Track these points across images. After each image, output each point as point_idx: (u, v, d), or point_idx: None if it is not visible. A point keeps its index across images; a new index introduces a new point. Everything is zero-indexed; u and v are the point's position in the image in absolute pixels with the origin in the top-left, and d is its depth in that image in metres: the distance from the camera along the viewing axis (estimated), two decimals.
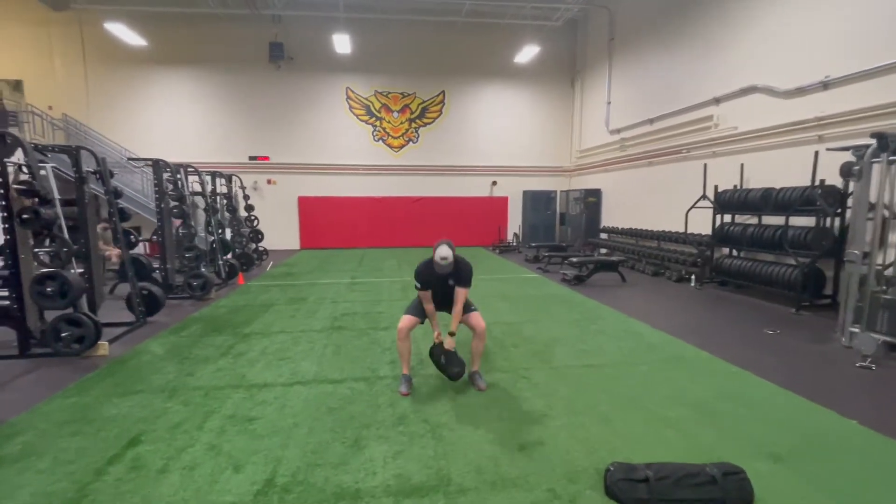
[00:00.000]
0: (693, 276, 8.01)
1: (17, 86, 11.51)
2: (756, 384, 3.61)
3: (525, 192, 14.60)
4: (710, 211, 7.79)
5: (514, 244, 13.95)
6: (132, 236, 5.99)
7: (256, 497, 2.22)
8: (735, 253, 7.65)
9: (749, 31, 7.57)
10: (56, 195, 4.24)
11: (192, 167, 7.62)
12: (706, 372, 3.87)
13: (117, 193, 5.20)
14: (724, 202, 7.61)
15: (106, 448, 2.65)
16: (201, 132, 12.77)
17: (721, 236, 7.71)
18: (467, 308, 3.56)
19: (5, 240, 4.05)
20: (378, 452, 2.61)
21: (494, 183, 14.65)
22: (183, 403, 3.24)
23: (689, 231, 8.38)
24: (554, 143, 14.74)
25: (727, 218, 7.76)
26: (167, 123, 12.57)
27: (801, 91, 6.61)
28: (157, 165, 6.43)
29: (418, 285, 3.47)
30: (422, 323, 3.59)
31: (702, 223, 8.15)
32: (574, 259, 8.56)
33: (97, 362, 4.08)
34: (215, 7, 11.33)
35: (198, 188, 7.91)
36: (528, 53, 12.46)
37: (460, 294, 3.48)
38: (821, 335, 4.93)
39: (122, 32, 10.54)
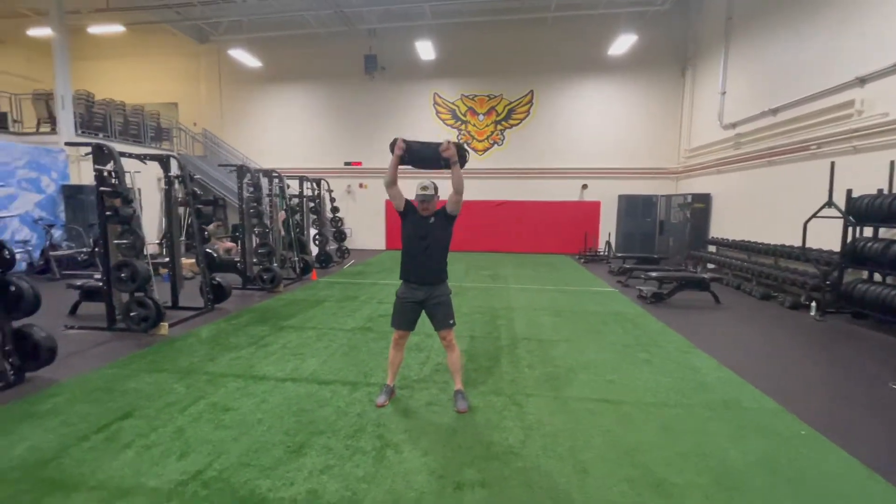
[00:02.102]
0: (814, 304, 6.38)
1: (172, 107, 14.18)
2: (831, 457, 2.67)
3: (621, 197, 13.29)
4: (840, 222, 6.12)
5: (605, 254, 12.77)
6: (209, 231, 6.81)
7: (176, 486, 2.30)
8: (879, 278, 5.88)
9: None
10: (137, 197, 5.02)
11: (276, 172, 8.49)
12: (760, 429, 3.00)
13: (195, 195, 6.01)
14: (863, 211, 5.92)
15: (103, 417, 3.03)
16: (305, 140, 14.22)
17: (855, 254, 6.01)
18: (444, 323, 3.23)
19: (102, 232, 4.94)
20: (311, 463, 2.53)
21: (585, 186, 13.61)
22: (186, 386, 3.56)
23: (809, 246, 6.70)
24: (657, 142, 13.14)
25: (867, 231, 6.02)
26: (278, 134, 14.27)
27: None
28: (240, 171, 7.28)
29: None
30: (411, 331, 3.34)
31: (827, 237, 6.47)
32: (653, 274, 7.46)
33: (155, 340, 4.74)
34: (318, 27, 12.52)
35: (290, 192, 8.81)
36: (624, 43, 11.29)
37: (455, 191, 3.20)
38: None
39: (243, 57, 12.26)
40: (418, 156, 3.20)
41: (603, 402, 3.37)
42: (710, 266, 10.10)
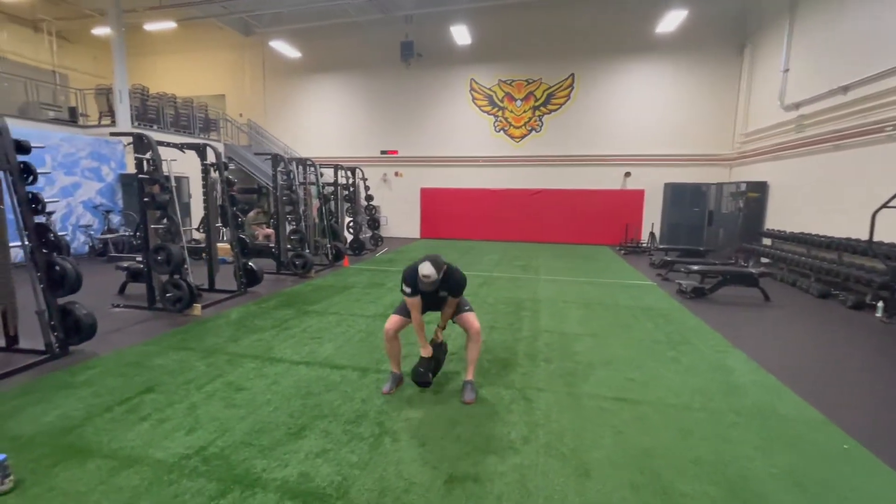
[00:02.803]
0: (881, 304, 5.73)
1: (220, 99, 14.84)
2: (877, 478, 2.37)
3: (667, 185, 12.54)
4: None
5: (649, 245, 12.15)
6: (249, 217, 7.08)
7: (179, 460, 2.40)
8: None
9: None
10: (173, 184, 5.28)
11: (311, 161, 8.67)
12: (793, 439, 2.71)
13: (230, 182, 6.25)
14: None
15: (128, 391, 3.22)
16: (342, 130, 14.46)
17: None
18: (460, 308, 3.21)
19: (141, 217, 5.24)
20: (308, 446, 2.56)
21: (628, 174, 12.95)
22: (207, 365, 3.72)
23: (878, 240, 6.00)
24: (709, 126, 12.24)
25: None
26: (317, 123, 14.59)
27: None
28: (275, 159, 7.49)
29: (407, 290, 3.06)
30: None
31: None
32: (695, 267, 6.98)
33: (189, 320, 5.00)
34: (356, 15, 12.59)
35: (324, 180, 9.01)
36: (674, 20, 10.53)
37: (451, 302, 3.15)
38: None
39: (284, 48, 12.58)
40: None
41: (619, 401, 3.19)
42: (765, 260, 9.34)
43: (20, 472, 2.26)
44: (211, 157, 6.16)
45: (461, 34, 11.62)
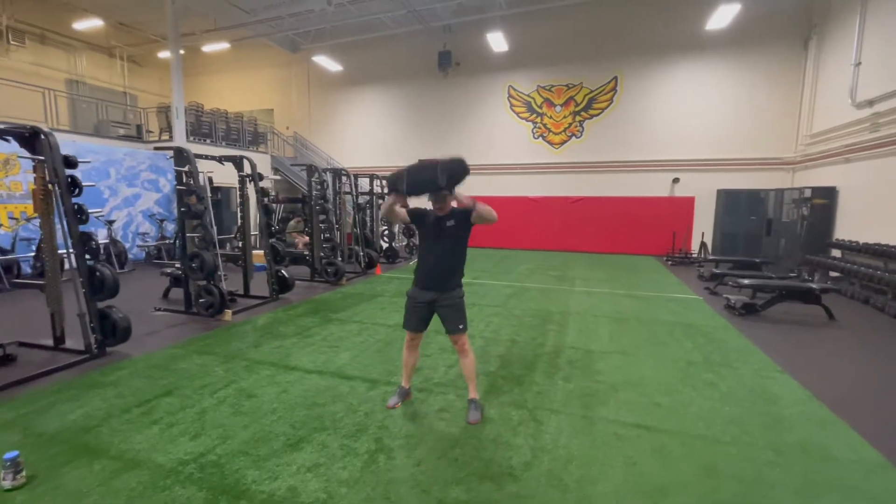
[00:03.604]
0: None
1: (269, 113, 15.65)
2: None
3: (720, 192, 11.71)
4: None
5: (700, 256, 11.37)
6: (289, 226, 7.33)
7: (177, 465, 2.45)
8: None
9: None
10: (208, 195, 5.55)
11: (345, 171, 8.87)
12: (844, 487, 2.34)
13: (264, 192, 6.49)
14: None
15: (148, 393, 3.36)
16: (381, 140, 14.75)
17: None
18: (454, 327, 3.03)
19: (179, 226, 5.55)
20: (303, 459, 2.53)
21: (676, 180, 12.23)
22: (225, 370, 3.82)
23: None
24: (768, 128, 11.32)
25: None
26: (358, 134, 14.99)
27: None
28: (310, 169, 7.72)
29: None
30: (422, 332, 3.19)
31: None
32: (745, 281, 6.39)
33: (219, 325, 5.20)
34: (394, 27, 12.86)
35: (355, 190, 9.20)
36: (726, 15, 9.86)
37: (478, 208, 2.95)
38: None
39: (326, 63, 13.07)
40: (415, 183, 2.90)
41: (638, 429, 2.92)
42: (833, 274, 8.42)
43: (36, 469, 2.39)
44: (247, 169, 6.43)
45: (497, 41, 11.53)
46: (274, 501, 2.17)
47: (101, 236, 8.82)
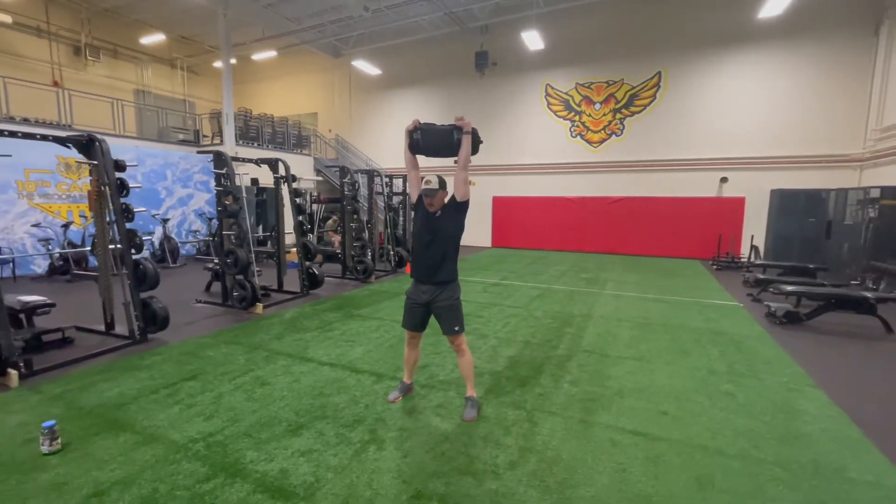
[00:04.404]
0: None
1: (314, 117, 16.35)
2: None
3: (773, 192, 10.91)
4: None
5: (751, 260, 10.65)
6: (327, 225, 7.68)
7: (188, 442, 2.68)
8: None
9: None
10: (244, 195, 5.93)
11: (377, 172, 9.13)
12: None
13: (297, 193, 6.83)
14: None
15: (176, 376, 3.67)
16: None
17: None
18: (449, 328, 3.07)
19: (219, 224, 5.97)
20: (299, 444, 2.69)
21: (724, 180, 11.53)
22: (246, 359, 4.09)
23: None
24: (830, 122, 10.41)
25: None
26: (396, 135, 15.29)
27: None
28: (342, 171, 8.03)
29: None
30: (420, 331, 3.27)
31: None
32: (789, 287, 5.95)
33: (251, 318, 5.55)
34: (432, 30, 13.03)
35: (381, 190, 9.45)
36: (780, 3, 9.18)
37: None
38: None
39: (366, 67, 13.47)
40: (431, 141, 3.08)
41: (636, 436, 2.84)
42: None
43: (71, 437, 2.71)
44: (282, 171, 6.80)
45: (533, 39, 11.39)
46: (265, 481, 2.33)
47: (157, 234, 9.65)
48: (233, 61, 14.77)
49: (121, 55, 14.00)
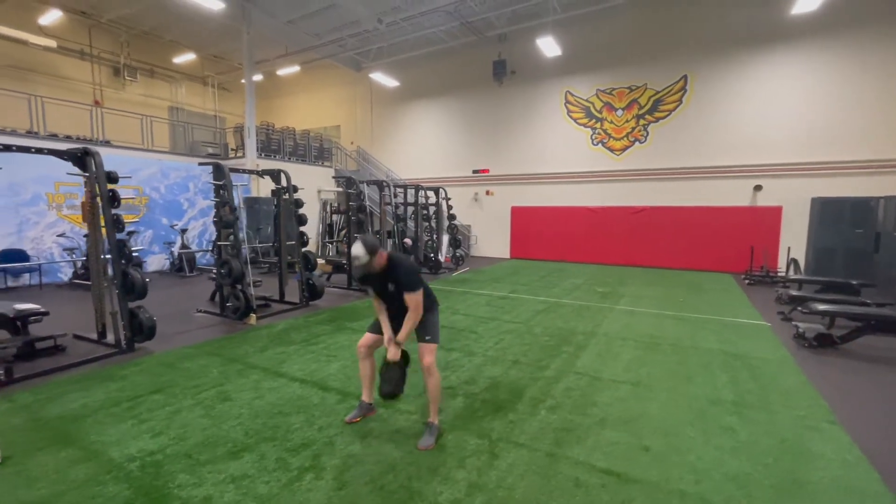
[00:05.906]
0: None
1: (336, 130, 16.66)
2: None
3: (814, 200, 10.05)
4: None
5: (788, 275, 9.81)
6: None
7: (124, 461, 2.59)
8: None
9: None
10: (241, 205, 5.97)
11: (386, 182, 9.07)
12: None
13: (298, 203, 6.85)
14: None
15: (143, 388, 3.64)
16: (437, 151, 14.91)
17: None
18: (422, 332, 2.89)
19: (217, 235, 6.03)
20: (235, 468, 2.54)
21: (758, 188, 10.73)
22: (220, 372, 4.02)
23: None
24: (878, 124, 9.50)
25: None
26: (416, 147, 15.32)
27: None
28: (348, 182, 8.01)
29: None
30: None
31: None
32: (821, 306, 5.33)
33: (243, 329, 5.53)
34: (450, 41, 13.00)
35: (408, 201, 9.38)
36: None
37: (409, 300, 2.83)
38: None
39: (384, 79, 13.59)
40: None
41: (606, 475, 2.51)
42: None
43: (15, 450, 2.69)
44: (283, 182, 6.84)
45: (550, 46, 11.11)
46: None
47: (177, 245, 9.97)
48: (259, 77, 15.35)
49: (157, 74, 14.80)
